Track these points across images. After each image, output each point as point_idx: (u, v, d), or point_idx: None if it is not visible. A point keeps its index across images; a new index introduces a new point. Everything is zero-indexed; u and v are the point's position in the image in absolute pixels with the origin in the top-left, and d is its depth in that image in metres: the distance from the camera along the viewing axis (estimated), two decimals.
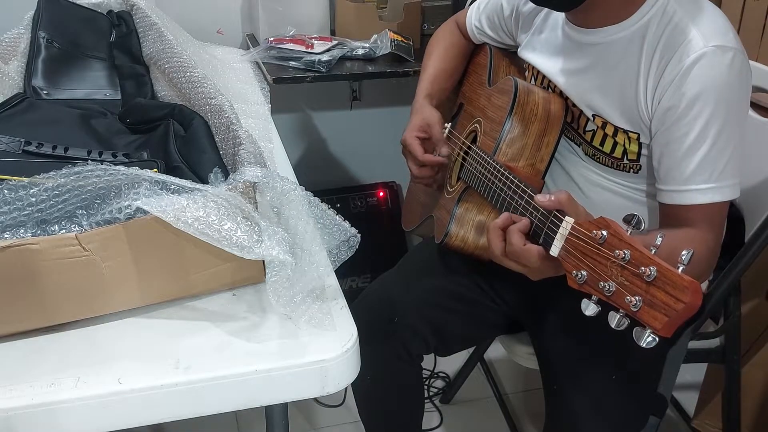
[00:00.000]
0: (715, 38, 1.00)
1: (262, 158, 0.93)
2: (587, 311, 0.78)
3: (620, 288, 0.74)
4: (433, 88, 1.37)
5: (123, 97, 1.31)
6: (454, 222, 1.18)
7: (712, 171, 1.01)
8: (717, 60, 0.99)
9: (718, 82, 0.99)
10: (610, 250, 0.76)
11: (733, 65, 0.99)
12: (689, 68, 0.99)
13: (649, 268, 0.71)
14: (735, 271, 1.25)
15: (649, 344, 0.72)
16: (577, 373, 1.15)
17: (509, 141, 1.13)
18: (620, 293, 0.74)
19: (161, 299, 0.87)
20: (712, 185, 1.01)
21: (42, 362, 0.78)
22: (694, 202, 1.02)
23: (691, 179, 1.02)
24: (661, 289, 0.71)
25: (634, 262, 0.73)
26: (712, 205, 1.02)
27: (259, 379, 0.78)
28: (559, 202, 0.87)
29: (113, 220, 0.79)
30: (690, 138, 1.00)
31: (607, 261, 0.76)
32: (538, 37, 1.24)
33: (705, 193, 1.02)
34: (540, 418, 1.22)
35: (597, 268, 0.78)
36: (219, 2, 2.02)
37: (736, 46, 1.00)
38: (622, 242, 0.75)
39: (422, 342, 1.29)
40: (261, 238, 0.80)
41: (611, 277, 0.76)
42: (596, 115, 1.12)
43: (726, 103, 0.99)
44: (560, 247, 0.84)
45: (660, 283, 0.71)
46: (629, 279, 0.74)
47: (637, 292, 0.73)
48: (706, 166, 1.01)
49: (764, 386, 1.57)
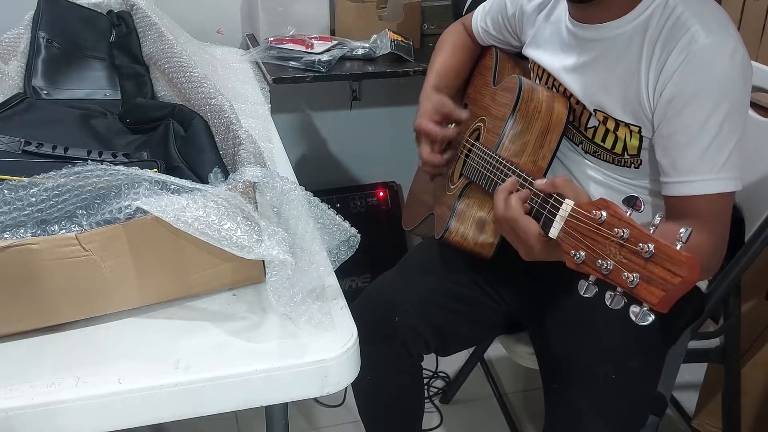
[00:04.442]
0: (716, 31, 1.00)
1: (262, 158, 0.93)
2: (585, 292, 0.79)
3: (618, 265, 0.74)
4: (441, 83, 1.37)
5: (123, 97, 1.31)
6: (455, 218, 1.18)
7: (715, 161, 1.01)
8: (719, 52, 0.99)
9: (720, 73, 0.99)
10: (609, 229, 0.76)
11: (735, 57, 0.99)
12: (691, 60, 0.99)
13: (648, 245, 0.71)
14: (735, 271, 1.25)
15: (645, 321, 0.72)
16: (577, 372, 1.15)
17: (512, 137, 1.13)
18: (618, 270, 0.74)
19: (161, 299, 0.87)
20: (715, 176, 1.01)
21: (42, 362, 0.78)
22: (698, 193, 1.02)
23: (695, 170, 1.01)
24: (659, 265, 0.71)
25: (633, 239, 0.73)
26: (717, 196, 1.02)
27: (259, 379, 0.78)
28: (553, 184, 0.89)
29: (113, 220, 0.79)
30: (693, 129, 1.01)
31: (606, 240, 0.77)
32: (541, 35, 1.25)
33: (709, 184, 1.01)
34: (540, 418, 1.22)
35: (595, 247, 0.78)
36: (219, 2, 2.02)
37: (737, 39, 1.01)
38: (621, 221, 0.76)
39: (422, 342, 1.29)
40: (261, 238, 0.80)
41: (609, 255, 0.76)
42: (598, 110, 1.13)
43: (728, 95, 0.99)
44: (559, 228, 0.85)
45: (658, 260, 0.71)
46: (627, 256, 0.74)
47: (634, 268, 0.73)
48: (709, 157, 1.01)
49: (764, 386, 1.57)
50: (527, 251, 0.95)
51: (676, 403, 1.86)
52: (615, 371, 1.12)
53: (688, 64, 1.00)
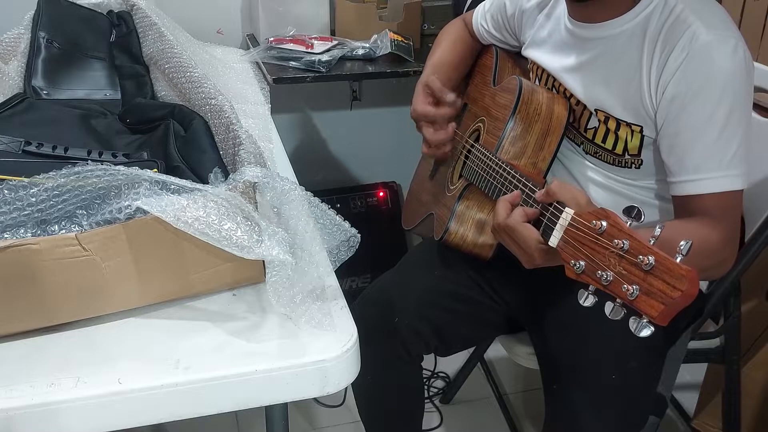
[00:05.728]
0: (717, 28, 1.00)
1: (262, 158, 0.93)
2: (584, 302, 0.78)
3: (618, 277, 0.74)
4: (437, 73, 1.35)
5: (123, 97, 1.31)
6: (454, 219, 1.18)
7: (722, 158, 1.00)
8: (720, 48, 0.99)
9: (723, 70, 0.99)
10: (609, 240, 0.76)
11: (737, 53, 0.99)
12: (693, 57, 0.99)
13: (647, 257, 0.71)
14: (735, 271, 1.25)
15: (644, 333, 0.72)
16: (577, 372, 1.15)
17: (512, 139, 1.13)
18: (618, 282, 0.74)
19: (161, 299, 0.87)
20: (723, 173, 1.01)
21: (42, 362, 0.78)
22: (705, 191, 1.02)
23: (702, 167, 1.01)
24: (659, 278, 0.71)
25: (633, 251, 0.73)
26: (725, 194, 1.02)
27: (259, 379, 0.78)
28: (549, 192, 0.89)
29: (113, 220, 0.79)
30: (697, 126, 1.00)
31: (606, 251, 0.76)
32: (541, 35, 1.24)
33: (716, 182, 1.01)
34: (540, 418, 1.22)
35: (595, 257, 0.78)
36: (219, 2, 2.02)
37: (738, 36, 1.01)
38: (621, 232, 0.76)
39: (422, 342, 1.29)
40: (261, 238, 0.80)
41: (609, 266, 0.76)
42: (599, 110, 1.13)
43: (731, 90, 0.99)
44: (559, 237, 0.85)
45: (657, 272, 0.71)
46: (627, 268, 0.74)
47: (634, 280, 0.73)
48: (715, 153, 1.00)
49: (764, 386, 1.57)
50: (526, 258, 0.94)
51: (676, 403, 1.86)
52: (615, 371, 1.12)
53: (690, 62, 1.00)
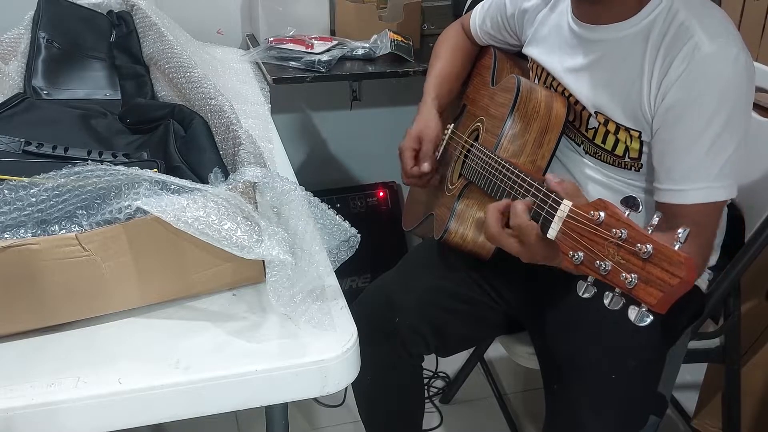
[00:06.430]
0: (719, 38, 1.00)
1: (262, 158, 0.93)
2: (583, 293, 0.79)
3: (616, 266, 0.74)
4: (441, 90, 1.37)
5: (123, 97, 1.31)
6: (454, 218, 1.18)
7: (710, 171, 1.01)
8: (721, 59, 0.99)
9: (722, 81, 0.99)
10: (607, 230, 0.76)
11: (738, 64, 0.99)
12: (693, 69, 0.99)
13: (646, 246, 0.71)
14: (735, 271, 1.25)
15: (644, 322, 0.72)
16: (577, 372, 1.15)
17: (510, 137, 1.13)
18: (616, 271, 0.74)
19: (161, 299, 0.87)
20: (707, 185, 1.02)
21: (42, 362, 0.78)
22: (688, 202, 1.03)
23: (688, 178, 1.02)
24: (657, 266, 0.71)
25: (631, 240, 0.73)
26: (706, 205, 1.03)
27: (259, 379, 0.78)
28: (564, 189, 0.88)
29: (113, 220, 0.79)
30: (690, 136, 1.01)
31: (604, 241, 0.77)
32: (542, 34, 1.24)
33: (700, 193, 1.02)
34: (540, 418, 1.22)
35: (594, 248, 0.78)
36: (219, 2, 2.02)
37: (740, 45, 1.01)
38: (619, 222, 0.76)
39: (422, 342, 1.28)
40: (261, 238, 0.80)
41: (608, 256, 0.76)
42: (599, 112, 1.13)
43: (729, 102, 0.99)
44: (557, 229, 0.85)
45: (656, 260, 0.71)
46: (625, 257, 0.74)
47: (633, 269, 0.73)
48: (704, 166, 1.01)
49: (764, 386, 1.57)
50: (526, 253, 0.94)
51: (676, 403, 1.86)
52: (615, 371, 1.12)
53: (691, 73, 1.00)
